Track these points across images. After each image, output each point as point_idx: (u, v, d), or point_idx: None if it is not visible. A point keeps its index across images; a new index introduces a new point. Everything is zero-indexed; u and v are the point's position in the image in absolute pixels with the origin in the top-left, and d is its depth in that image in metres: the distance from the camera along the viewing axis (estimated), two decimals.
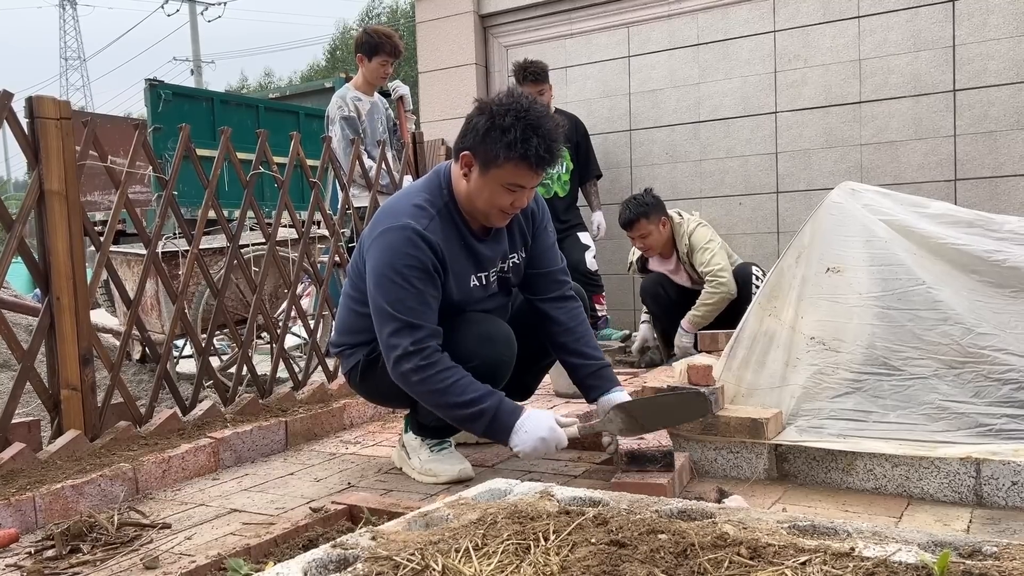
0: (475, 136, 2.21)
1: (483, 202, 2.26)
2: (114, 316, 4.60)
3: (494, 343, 2.33)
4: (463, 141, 2.26)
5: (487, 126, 2.18)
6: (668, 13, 5.27)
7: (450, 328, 2.30)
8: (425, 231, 2.23)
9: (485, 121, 2.19)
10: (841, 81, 4.76)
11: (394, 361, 2.21)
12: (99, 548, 1.94)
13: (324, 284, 3.64)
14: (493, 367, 2.32)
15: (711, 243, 4.18)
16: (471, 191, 2.27)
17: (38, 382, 2.49)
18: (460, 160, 2.27)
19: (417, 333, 2.18)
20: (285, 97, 11.26)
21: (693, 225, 4.25)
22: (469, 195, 2.28)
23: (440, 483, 2.37)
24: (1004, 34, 4.34)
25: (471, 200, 2.28)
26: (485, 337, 2.33)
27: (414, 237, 2.21)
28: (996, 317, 2.31)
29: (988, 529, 1.84)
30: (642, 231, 4.23)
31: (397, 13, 31.37)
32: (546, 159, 2.18)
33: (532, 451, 2.16)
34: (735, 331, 2.61)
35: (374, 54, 4.61)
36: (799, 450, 2.24)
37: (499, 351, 2.34)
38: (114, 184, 2.78)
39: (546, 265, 2.51)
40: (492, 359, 2.32)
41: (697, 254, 4.18)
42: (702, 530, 1.31)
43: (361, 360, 2.46)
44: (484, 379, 2.30)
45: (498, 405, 2.18)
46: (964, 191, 4.48)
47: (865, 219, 2.55)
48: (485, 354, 2.30)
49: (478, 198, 2.26)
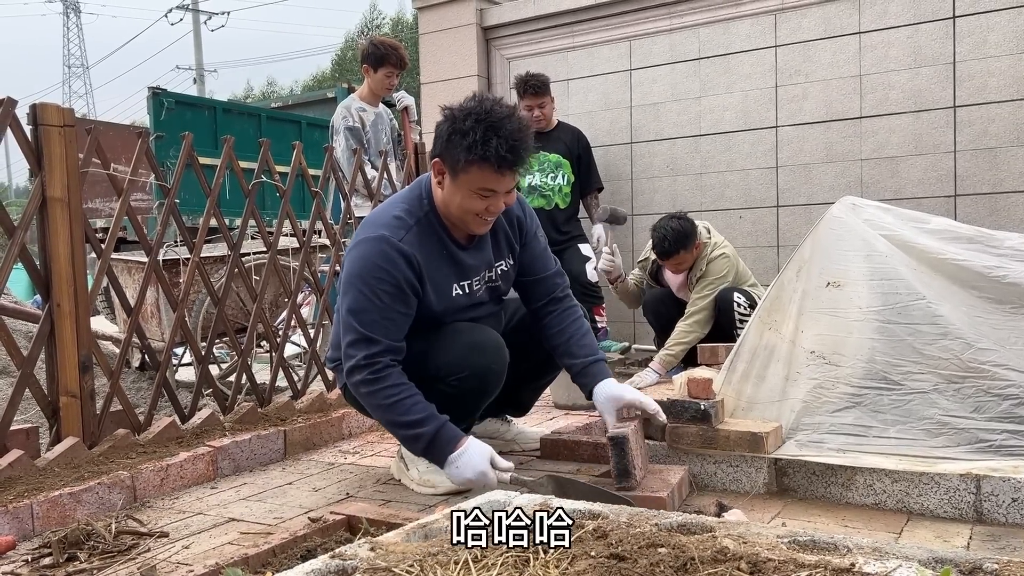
0: (441, 143, 2.22)
1: (457, 208, 2.26)
2: (113, 323, 4.60)
3: (483, 352, 2.32)
4: (433, 149, 2.27)
5: (449, 131, 2.18)
6: (670, 27, 5.29)
7: (438, 338, 2.30)
8: (401, 243, 2.23)
9: (447, 127, 2.19)
10: (842, 96, 4.78)
11: (347, 371, 2.25)
12: (96, 556, 1.93)
13: (324, 293, 3.64)
14: (482, 377, 2.32)
15: (718, 280, 4.08)
16: (445, 198, 2.27)
17: (37, 389, 2.49)
18: (432, 168, 2.28)
19: (373, 347, 2.20)
20: (287, 107, 11.30)
21: (716, 253, 4.14)
22: (445, 203, 2.28)
23: (439, 494, 2.36)
24: (1004, 51, 4.36)
25: (447, 207, 2.28)
26: (473, 346, 2.32)
27: (388, 250, 2.21)
28: (996, 332, 2.31)
29: (988, 546, 1.84)
30: (679, 260, 4.11)
31: (400, 25, 31.50)
32: (509, 159, 2.14)
33: (461, 485, 2.24)
34: (735, 344, 2.61)
35: (380, 65, 4.63)
36: (799, 464, 2.23)
37: (488, 360, 2.33)
38: (116, 191, 2.79)
39: (539, 271, 2.52)
40: (481, 369, 2.32)
41: (702, 282, 4.09)
42: (702, 544, 1.30)
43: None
44: (474, 390, 2.30)
45: (436, 431, 2.19)
46: (964, 207, 4.49)
47: (866, 234, 2.55)
48: (474, 364, 2.29)
49: (452, 205, 2.26)
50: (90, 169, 2.66)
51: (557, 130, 4.96)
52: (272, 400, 3.25)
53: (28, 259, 2.53)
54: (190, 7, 32.98)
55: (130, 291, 3.62)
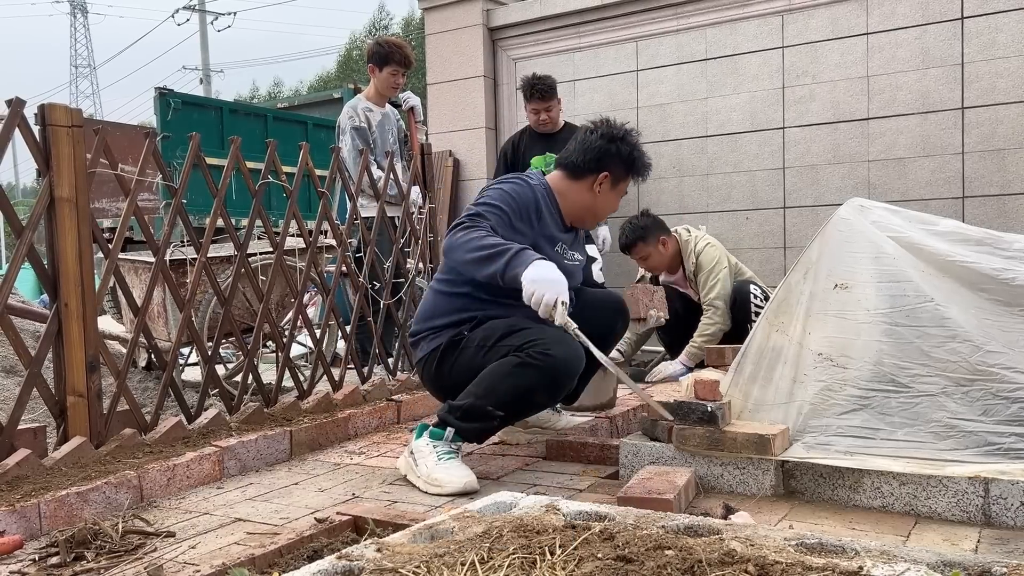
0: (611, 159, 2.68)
1: (602, 210, 2.78)
2: (120, 323, 4.61)
3: (569, 346, 2.43)
4: (600, 164, 2.68)
5: (615, 151, 2.68)
6: (676, 28, 5.29)
7: (540, 321, 2.43)
8: (533, 188, 2.66)
9: (615, 147, 2.67)
10: (849, 97, 4.76)
11: (450, 230, 2.52)
12: (103, 556, 1.93)
13: (331, 294, 3.64)
14: (558, 365, 2.42)
15: (717, 266, 4.16)
16: (596, 201, 2.72)
17: (44, 388, 2.50)
18: (598, 179, 2.68)
19: (481, 220, 2.49)
20: (293, 107, 11.32)
21: (702, 244, 4.24)
22: (588, 204, 2.72)
23: (444, 494, 2.36)
24: (1013, 52, 4.35)
25: (585, 206, 2.73)
26: (563, 340, 2.42)
27: (524, 186, 2.66)
28: (1005, 335, 2.30)
29: (997, 549, 1.83)
30: (641, 253, 4.27)
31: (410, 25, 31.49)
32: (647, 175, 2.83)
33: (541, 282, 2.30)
34: (742, 346, 2.60)
35: (385, 64, 4.63)
36: (806, 467, 2.23)
37: (570, 354, 2.44)
38: (123, 192, 2.79)
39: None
40: (562, 358, 2.43)
41: (702, 276, 4.18)
42: (709, 546, 1.30)
43: (444, 343, 2.61)
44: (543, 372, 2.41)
45: (521, 249, 2.38)
46: (972, 209, 4.47)
47: (874, 236, 2.54)
48: (559, 351, 2.41)
49: (599, 206, 2.74)
50: (98, 169, 2.67)
51: (564, 131, 4.96)
52: (278, 400, 3.25)
53: (36, 259, 2.53)
54: (197, 8, 33.06)
55: (137, 291, 3.62)
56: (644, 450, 2.44)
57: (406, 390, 3.64)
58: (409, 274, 3.96)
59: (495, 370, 2.46)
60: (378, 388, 3.53)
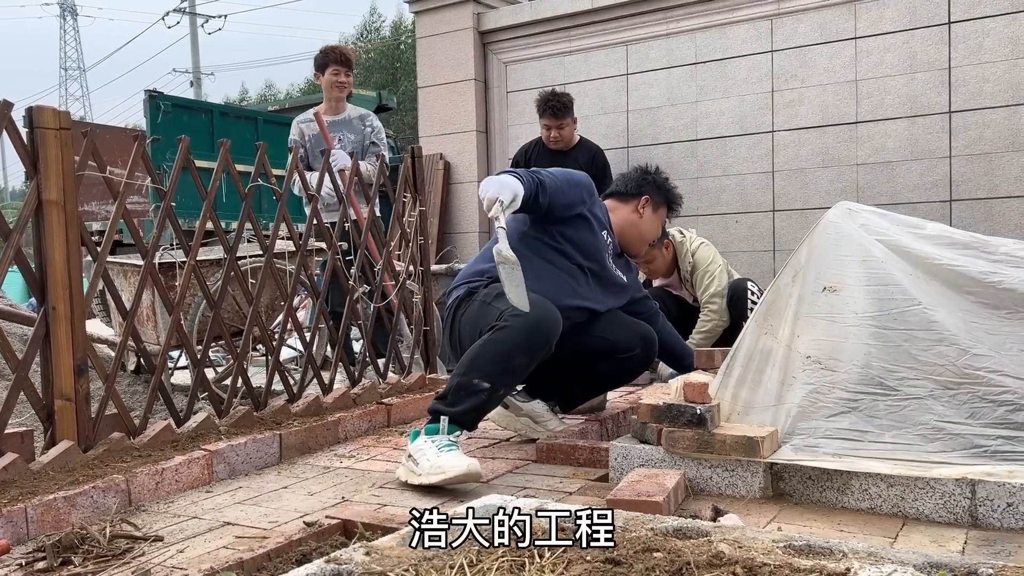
0: (649, 186, 3.08)
1: (647, 232, 3.10)
2: (109, 326, 4.59)
3: (543, 307, 2.54)
4: (639, 188, 3.08)
5: (653, 181, 3.09)
6: (666, 32, 5.31)
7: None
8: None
9: (651, 179, 3.09)
10: (838, 101, 4.79)
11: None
12: (91, 560, 1.92)
13: (320, 297, 3.63)
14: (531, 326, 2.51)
15: (713, 265, 4.18)
16: (641, 223, 3.07)
17: (32, 392, 2.48)
18: (641, 201, 3.05)
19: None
20: (284, 110, 11.29)
21: (696, 244, 4.25)
22: (635, 225, 3.06)
23: (449, 478, 2.34)
24: (999, 57, 4.38)
25: (633, 229, 3.06)
26: (539, 302, 2.52)
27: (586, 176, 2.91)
28: (991, 338, 2.31)
29: (983, 550, 1.84)
30: (648, 257, 4.22)
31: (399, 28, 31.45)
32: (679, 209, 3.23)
33: (490, 179, 2.55)
34: (731, 349, 2.61)
35: (325, 67, 4.81)
36: (795, 469, 2.24)
37: (547, 315, 2.55)
38: (112, 194, 2.78)
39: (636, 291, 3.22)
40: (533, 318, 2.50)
41: (698, 275, 4.18)
42: (697, 548, 1.31)
43: (462, 294, 2.82)
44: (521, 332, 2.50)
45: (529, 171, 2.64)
46: (959, 212, 4.50)
47: (862, 239, 2.55)
48: (532, 312, 2.48)
49: (644, 228, 3.08)
50: (86, 172, 2.65)
51: (576, 149, 4.95)
52: (268, 404, 3.24)
53: (24, 262, 2.52)
54: (187, 10, 32.94)
55: (126, 294, 3.61)
56: (634, 453, 2.44)
57: (396, 393, 3.64)
58: (400, 276, 3.96)
59: (474, 347, 2.56)
60: (368, 391, 3.52)
